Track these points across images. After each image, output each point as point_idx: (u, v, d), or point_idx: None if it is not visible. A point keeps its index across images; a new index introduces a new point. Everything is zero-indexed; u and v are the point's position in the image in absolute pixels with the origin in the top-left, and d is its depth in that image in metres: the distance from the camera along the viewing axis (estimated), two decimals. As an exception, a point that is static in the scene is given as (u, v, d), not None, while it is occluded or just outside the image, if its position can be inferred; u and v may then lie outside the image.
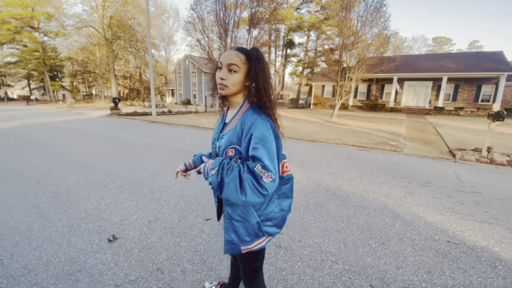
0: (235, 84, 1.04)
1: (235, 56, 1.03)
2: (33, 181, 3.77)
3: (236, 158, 1.03)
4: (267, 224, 1.09)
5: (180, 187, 3.60)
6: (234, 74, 1.03)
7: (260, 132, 0.97)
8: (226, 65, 1.03)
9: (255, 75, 1.03)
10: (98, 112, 17.98)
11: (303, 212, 2.93)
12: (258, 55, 1.05)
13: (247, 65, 1.04)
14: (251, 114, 1.03)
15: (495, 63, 20.94)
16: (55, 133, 8.16)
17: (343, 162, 5.40)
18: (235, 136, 1.04)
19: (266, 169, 0.94)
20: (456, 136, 9.40)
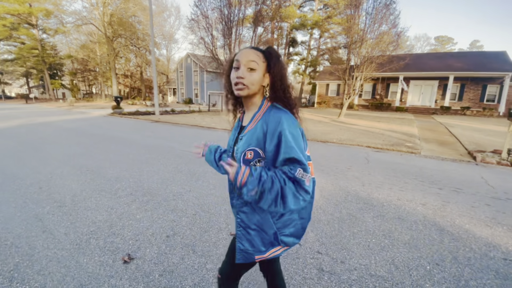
0: (254, 83, 0.97)
1: (254, 54, 0.97)
2: (34, 187, 3.45)
3: (255, 161, 0.95)
4: (284, 233, 1.01)
5: (196, 194, 3.28)
6: (253, 73, 0.96)
7: (291, 130, 0.90)
8: (244, 63, 0.96)
9: (276, 73, 0.98)
10: (99, 111, 17.65)
11: (338, 226, 2.61)
12: (277, 53, 1.01)
13: (266, 63, 0.99)
14: (275, 112, 0.95)
15: (499, 63, 20.63)
16: (57, 134, 7.83)
17: (363, 165, 5.08)
18: (254, 138, 0.95)
19: (306, 171, 0.87)
20: (469, 137, 9.08)
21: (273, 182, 0.86)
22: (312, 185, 1.00)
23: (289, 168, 0.87)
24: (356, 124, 12.30)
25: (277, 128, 0.89)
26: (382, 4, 12.55)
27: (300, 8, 41.58)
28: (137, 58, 45.67)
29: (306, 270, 1.96)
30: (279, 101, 1.01)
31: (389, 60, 13.34)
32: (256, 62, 0.97)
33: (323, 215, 2.83)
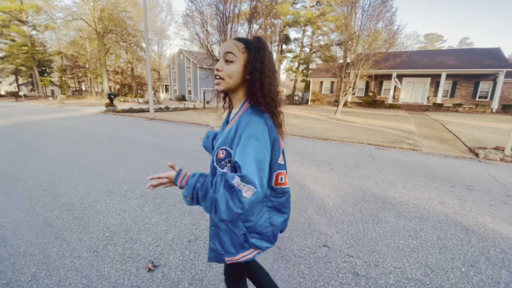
0: (231, 75, 0.91)
1: (232, 45, 0.91)
2: (38, 190, 3.27)
3: (226, 161, 0.91)
4: (255, 237, 0.97)
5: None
6: (230, 64, 0.91)
7: (249, 134, 0.84)
8: (222, 55, 0.92)
9: (251, 65, 0.90)
10: (92, 108, 17.18)
11: (362, 227, 2.55)
12: (260, 43, 0.92)
13: (246, 54, 0.91)
14: (248, 114, 0.90)
15: (493, 60, 21.04)
16: (53, 133, 7.54)
17: (370, 163, 5.06)
18: (229, 138, 0.92)
19: (247, 182, 0.79)
20: (467, 133, 9.22)
21: (207, 191, 0.81)
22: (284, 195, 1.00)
23: (231, 174, 0.82)
24: (353, 121, 12.34)
25: (242, 132, 0.85)
26: (378, 1, 12.57)
27: (293, 5, 41.47)
28: (128, 55, 44.72)
29: (341, 275, 1.89)
30: (253, 98, 0.93)
31: (385, 57, 13.41)
32: (233, 54, 0.90)
33: (344, 216, 2.76)
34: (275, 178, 0.96)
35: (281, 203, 1.01)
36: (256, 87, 0.91)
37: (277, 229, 1.01)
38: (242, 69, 0.92)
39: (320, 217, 2.70)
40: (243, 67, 0.92)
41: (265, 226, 0.97)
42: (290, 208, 1.06)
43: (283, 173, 0.98)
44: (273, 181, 0.95)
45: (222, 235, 0.98)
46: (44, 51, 34.90)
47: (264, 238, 0.98)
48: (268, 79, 0.93)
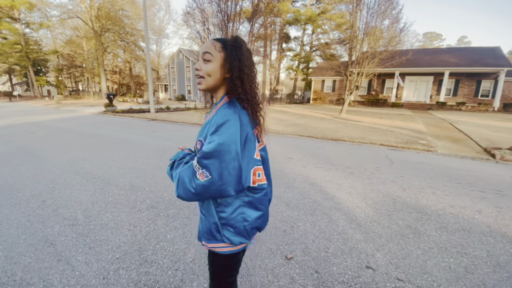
0: (209, 74, 0.93)
1: (210, 45, 0.94)
2: (36, 200, 2.96)
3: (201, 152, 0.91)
4: (228, 229, 0.97)
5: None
6: (208, 64, 0.93)
7: (220, 124, 0.86)
8: (201, 55, 0.95)
9: (229, 63, 0.92)
10: (90, 109, 16.81)
11: (404, 243, 2.27)
12: (236, 42, 0.94)
13: (223, 53, 0.93)
14: (224, 108, 0.91)
15: (494, 59, 20.88)
16: (51, 135, 7.20)
17: (390, 166, 4.79)
18: (205, 130, 0.95)
19: (202, 165, 0.85)
20: (478, 133, 9.00)
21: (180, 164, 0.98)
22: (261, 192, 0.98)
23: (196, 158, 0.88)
24: (360, 121, 12.09)
25: (216, 123, 0.87)
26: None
27: (293, 3, 41.17)
28: (126, 54, 44.24)
29: (397, 306, 1.61)
30: (235, 95, 0.94)
31: (391, 55, 13.15)
32: (210, 53, 0.93)
33: (380, 229, 2.49)
34: (253, 174, 0.94)
35: (258, 199, 0.98)
36: (236, 84, 0.92)
37: (250, 225, 0.98)
38: (219, 68, 0.93)
39: (354, 232, 2.42)
40: (220, 66, 0.93)
41: (238, 220, 0.96)
42: (268, 205, 1.06)
43: (260, 169, 0.96)
44: (250, 177, 0.93)
45: (202, 219, 1.03)
46: (39, 50, 34.32)
47: (237, 232, 0.97)
48: (247, 77, 0.94)
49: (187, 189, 0.87)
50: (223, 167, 0.83)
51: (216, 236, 0.97)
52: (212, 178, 0.83)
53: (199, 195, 0.87)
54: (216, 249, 0.99)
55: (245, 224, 0.97)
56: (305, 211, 2.78)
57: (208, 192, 0.86)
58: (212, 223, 0.97)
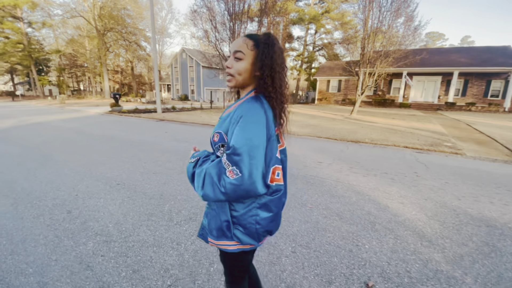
0: (240, 72, 0.92)
1: (241, 43, 0.92)
2: (61, 211, 2.67)
3: (219, 145, 0.93)
4: (238, 228, 0.94)
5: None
6: (239, 62, 0.92)
7: (247, 118, 0.84)
8: (232, 53, 0.93)
9: (261, 62, 0.90)
10: (95, 109, 16.52)
11: (490, 264, 1.97)
12: (269, 40, 0.91)
13: (255, 51, 0.91)
14: (249, 101, 0.89)
15: (505, 58, 20.56)
16: (61, 136, 6.91)
17: (427, 171, 4.49)
18: (226, 122, 0.91)
19: (232, 161, 0.81)
20: (499, 134, 8.71)
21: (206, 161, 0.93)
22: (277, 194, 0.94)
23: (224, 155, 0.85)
24: (373, 121, 11.79)
25: (239, 115, 0.85)
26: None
27: (296, 3, 40.91)
28: (128, 53, 44.01)
29: None
30: (265, 93, 0.92)
31: (405, 54, 12.84)
32: (242, 52, 0.91)
33: (457, 247, 2.19)
34: (272, 173, 0.90)
35: (273, 201, 0.94)
36: (267, 83, 0.90)
37: (262, 228, 0.94)
38: (250, 66, 0.92)
39: (429, 251, 2.13)
40: (251, 64, 0.91)
41: (250, 222, 0.93)
42: (281, 208, 1.01)
43: (279, 168, 0.93)
44: (269, 176, 0.90)
45: (211, 215, 0.99)
46: (41, 49, 34.02)
47: (247, 233, 0.94)
48: (279, 75, 0.92)
49: (216, 188, 0.83)
50: (252, 164, 0.80)
51: (227, 234, 0.95)
52: (243, 176, 0.80)
53: (227, 195, 0.83)
54: (225, 246, 0.97)
55: (258, 227, 0.94)
56: (364, 226, 2.48)
57: (236, 192, 0.82)
58: (224, 220, 0.95)
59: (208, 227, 1.00)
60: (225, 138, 0.89)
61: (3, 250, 2.02)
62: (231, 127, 0.87)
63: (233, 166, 0.80)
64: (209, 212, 1.01)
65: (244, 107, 0.87)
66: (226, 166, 0.81)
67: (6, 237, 2.20)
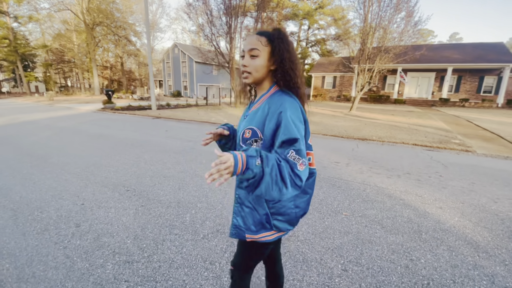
0: (257, 69, 0.95)
1: (255, 40, 0.94)
2: (68, 225, 2.35)
3: (252, 141, 0.93)
4: (277, 218, 0.98)
5: (311, 228, 2.33)
6: (255, 59, 0.94)
7: (293, 112, 0.87)
8: (247, 51, 0.95)
9: (279, 56, 0.93)
10: (86, 106, 15.87)
11: None
12: (281, 34, 0.95)
13: (269, 47, 0.94)
14: (279, 95, 0.93)
15: (497, 54, 20.84)
16: (56, 136, 6.46)
17: (448, 170, 4.34)
18: (256, 118, 0.94)
19: (300, 155, 0.83)
20: (503, 131, 8.73)
21: (268, 155, 0.81)
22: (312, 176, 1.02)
23: (282, 150, 0.84)
24: (374, 118, 11.69)
25: (278, 109, 0.87)
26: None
27: (289, -1, 40.50)
28: (117, 48, 42.81)
29: None
30: (285, 86, 0.96)
31: (405, 50, 12.75)
32: (257, 49, 0.93)
33: (516, 258, 2.00)
34: None
35: (309, 184, 1.02)
36: (290, 75, 0.94)
37: (300, 211, 1.01)
38: (266, 62, 0.94)
39: (490, 264, 1.93)
40: (267, 59, 0.94)
41: (290, 207, 0.98)
42: (313, 189, 1.05)
43: (311, 154, 0.99)
44: None
45: (246, 212, 0.99)
46: (27, 44, 32.59)
47: (286, 219, 0.98)
48: (297, 66, 0.96)
49: (293, 184, 0.82)
50: (304, 150, 0.85)
51: (266, 226, 0.97)
52: (307, 165, 0.85)
53: (301, 188, 0.85)
54: (264, 238, 0.98)
55: (297, 211, 1.00)
56: (410, 235, 2.27)
57: (305, 181, 0.92)
58: (263, 214, 0.97)
59: (244, 225, 0.99)
60: (259, 133, 0.91)
61: (8, 277, 1.71)
62: (268, 122, 0.88)
63: (302, 158, 0.83)
64: (241, 210, 1.00)
65: (278, 101, 0.90)
66: (296, 160, 0.82)
67: (9, 259, 1.88)
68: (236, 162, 0.75)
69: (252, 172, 0.77)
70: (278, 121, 0.85)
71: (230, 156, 0.75)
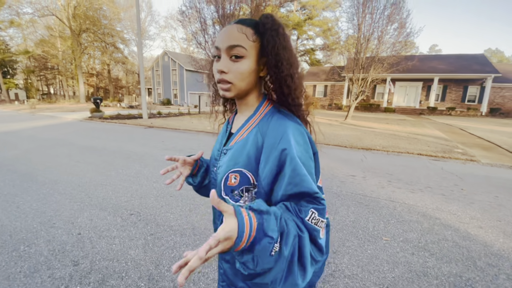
0: (244, 77, 0.62)
1: (237, 32, 0.61)
2: (63, 263, 1.94)
3: (240, 190, 0.62)
4: None
5: (350, 249, 2.03)
6: (240, 62, 0.61)
7: (299, 149, 0.58)
8: (225, 50, 0.62)
9: (274, 56, 0.61)
10: (72, 114, 15.11)
11: None
12: (275, 24, 0.63)
13: (258, 42, 0.63)
14: (277, 119, 0.62)
15: (479, 65, 21.75)
16: (40, 149, 5.90)
17: (465, 182, 4.19)
18: (243, 154, 0.62)
19: (322, 215, 0.56)
20: (497, 139, 8.87)
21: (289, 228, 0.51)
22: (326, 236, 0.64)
23: (295, 208, 0.55)
24: (371, 127, 11.69)
25: (278, 143, 0.57)
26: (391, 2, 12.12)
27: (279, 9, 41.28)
28: (104, 55, 41.93)
29: None
30: (282, 103, 0.66)
31: (398, 60, 12.98)
32: (242, 46, 0.61)
33: None
34: None
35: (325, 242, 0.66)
36: (289, 85, 0.63)
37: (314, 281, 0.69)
38: (255, 65, 0.63)
39: None
40: (256, 61, 0.63)
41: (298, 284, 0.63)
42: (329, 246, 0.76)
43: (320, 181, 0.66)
44: None
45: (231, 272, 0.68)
46: (7, 50, 31.23)
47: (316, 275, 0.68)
48: (299, 71, 0.66)
49: (313, 265, 0.55)
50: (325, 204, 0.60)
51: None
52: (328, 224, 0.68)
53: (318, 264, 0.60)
54: None
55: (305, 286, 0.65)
56: (465, 264, 2.01)
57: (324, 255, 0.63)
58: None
59: None
60: (251, 179, 0.62)
61: None
62: (264, 163, 0.59)
63: (324, 218, 0.57)
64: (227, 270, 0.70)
65: (276, 129, 0.60)
66: (319, 224, 0.56)
67: (-11, 319, 1.46)
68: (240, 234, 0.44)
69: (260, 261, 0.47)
70: (280, 163, 0.57)
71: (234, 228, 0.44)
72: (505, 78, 20.92)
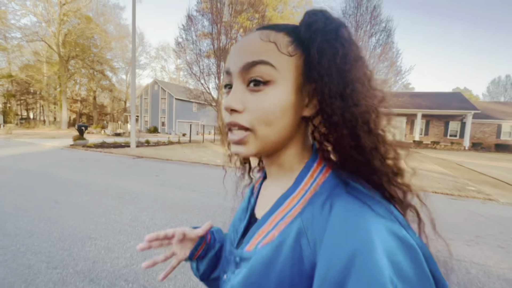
0: (272, 119, 0.34)
1: (259, 41, 0.34)
2: None
3: None
4: None
5: None
6: (264, 92, 0.34)
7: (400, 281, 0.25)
8: (239, 73, 0.35)
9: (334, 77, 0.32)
10: (52, 142, 14.01)
11: None
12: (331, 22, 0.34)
13: (299, 56, 0.35)
14: (344, 210, 0.30)
15: (458, 102, 23.14)
16: (16, 185, 5.00)
17: (495, 226, 3.79)
18: (272, 277, 0.32)
19: None
20: (498, 175, 8.86)
21: None
22: None
23: None
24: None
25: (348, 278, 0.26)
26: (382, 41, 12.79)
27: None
28: (91, 82, 41.45)
29: None
30: (353, 165, 0.35)
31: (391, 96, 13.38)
32: (269, 63, 0.33)
33: None
34: None
35: None
36: (369, 132, 0.34)
37: None
38: (295, 96, 0.35)
39: None
40: (296, 90, 0.35)
41: None
42: None
43: None
44: None
45: None
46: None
47: None
48: (381, 103, 0.38)
49: None
50: None
51: None
52: None
53: None
54: None
55: None
56: None
57: None
58: None
59: None
60: None
61: None
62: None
63: None
64: None
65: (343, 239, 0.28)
66: None
67: None
68: None
69: None
70: None
71: None
72: (484, 114, 22.21)
